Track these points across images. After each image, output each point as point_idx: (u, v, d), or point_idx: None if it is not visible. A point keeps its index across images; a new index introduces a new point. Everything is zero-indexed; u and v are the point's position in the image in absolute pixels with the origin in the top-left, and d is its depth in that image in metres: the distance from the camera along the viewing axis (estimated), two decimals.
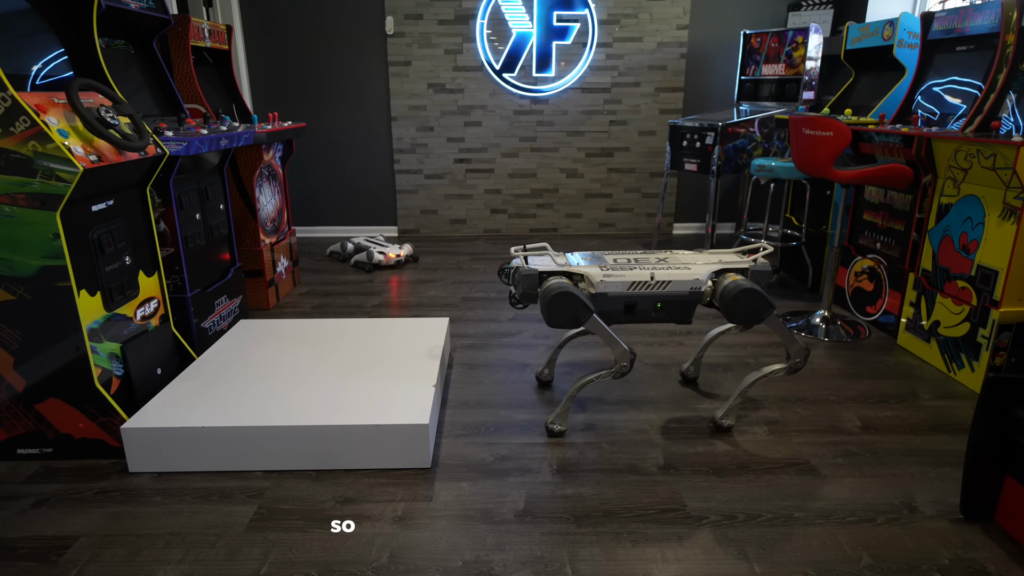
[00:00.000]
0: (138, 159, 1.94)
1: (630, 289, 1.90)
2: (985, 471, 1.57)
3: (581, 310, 1.83)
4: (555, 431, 2.01)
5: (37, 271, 1.71)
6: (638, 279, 1.90)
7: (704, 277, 1.92)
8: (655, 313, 1.95)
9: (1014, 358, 2.26)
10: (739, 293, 1.85)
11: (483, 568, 1.45)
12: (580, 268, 1.93)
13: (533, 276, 1.90)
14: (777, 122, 3.81)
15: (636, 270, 1.93)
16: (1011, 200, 2.17)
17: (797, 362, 1.97)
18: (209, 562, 1.47)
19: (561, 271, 1.92)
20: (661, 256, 2.08)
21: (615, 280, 1.90)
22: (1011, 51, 2.32)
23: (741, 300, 1.85)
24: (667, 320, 1.97)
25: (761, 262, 1.99)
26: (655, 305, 1.93)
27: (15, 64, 1.81)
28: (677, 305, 1.94)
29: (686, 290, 1.91)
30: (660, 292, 1.91)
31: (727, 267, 1.97)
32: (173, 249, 2.40)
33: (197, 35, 3.05)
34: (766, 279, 1.96)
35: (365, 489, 1.74)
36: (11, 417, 1.83)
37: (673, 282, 1.91)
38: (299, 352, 2.31)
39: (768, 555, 1.49)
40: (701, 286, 1.92)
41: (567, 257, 2.03)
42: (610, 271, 1.92)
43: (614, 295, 1.90)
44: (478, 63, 4.48)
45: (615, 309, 1.93)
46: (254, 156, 3.07)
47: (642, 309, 1.93)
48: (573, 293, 1.82)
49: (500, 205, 4.83)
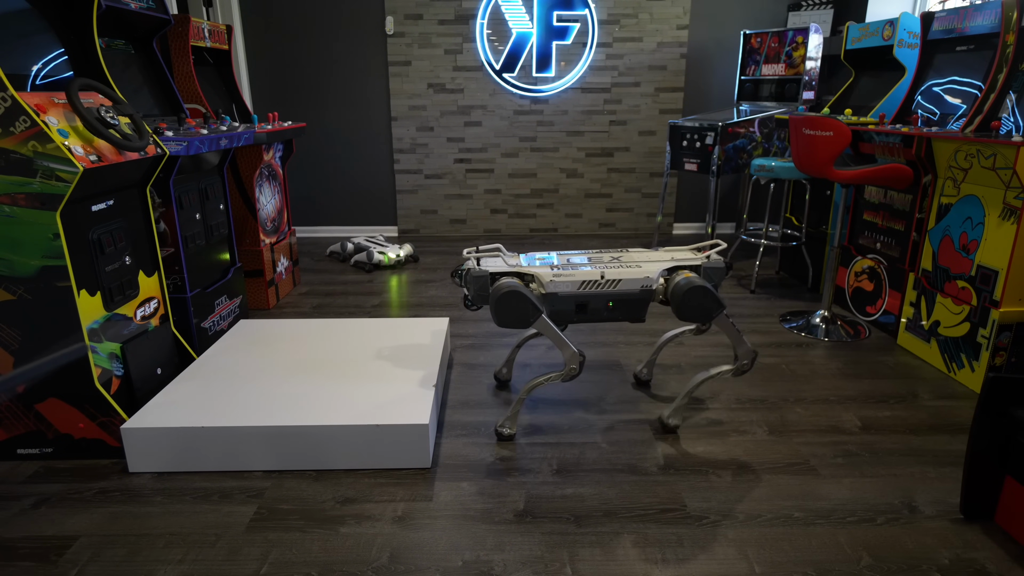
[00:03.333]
0: (138, 159, 1.94)
1: (580, 288, 1.90)
2: (985, 471, 1.57)
3: (530, 310, 1.83)
4: (504, 435, 1.99)
5: (37, 271, 1.71)
6: (588, 278, 1.90)
7: (655, 275, 1.91)
8: (607, 312, 1.94)
9: (1014, 358, 2.26)
10: (689, 291, 1.84)
11: (483, 568, 1.45)
12: (530, 268, 1.93)
13: (484, 277, 1.89)
14: (777, 122, 3.81)
15: (586, 269, 1.93)
16: (1011, 200, 2.17)
17: (744, 364, 1.96)
18: (209, 562, 1.47)
19: (512, 272, 1.92)
20: (615, 255, 2.08)
21: (565, 280, 1.89)
22: (1011, 51, 2.32)
23: (690, 298, 1.84)
24: (620, 319, 1.96)
25: (714, 259, 1.98)
26: (607, 304, 1.93)
27: (15, 64, 1.81)
28: (629, 304, 1.93)
29: (637, 288, 1.91)
30: (611, 291, 1.91)
31: (680, 264, 1.96)
32: (173, 249, 2.40)
33: (197, 35, 3.05)
34: (720, 276, 1.95)
35: (365, 489, 1.74)
36: (11, 417, 1.83)
37: (624, 280, 1.90)
38: (299, 352, 2.31)
39: (768, 555, 1.49)
40: (652, 284, 1.91)
41: (520, 258, 2.03)
42: (560, 271, 1.91)
43: (564, 295, 1.90)
44: (478, 63, 4.48)
45: (567, 309, 1.92)
46: (254, 156, 3.07)
47: (594, 308, 1.93)
48: (521, 292, 1.81)
49: (500, 205, 4.83)
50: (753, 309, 3.20)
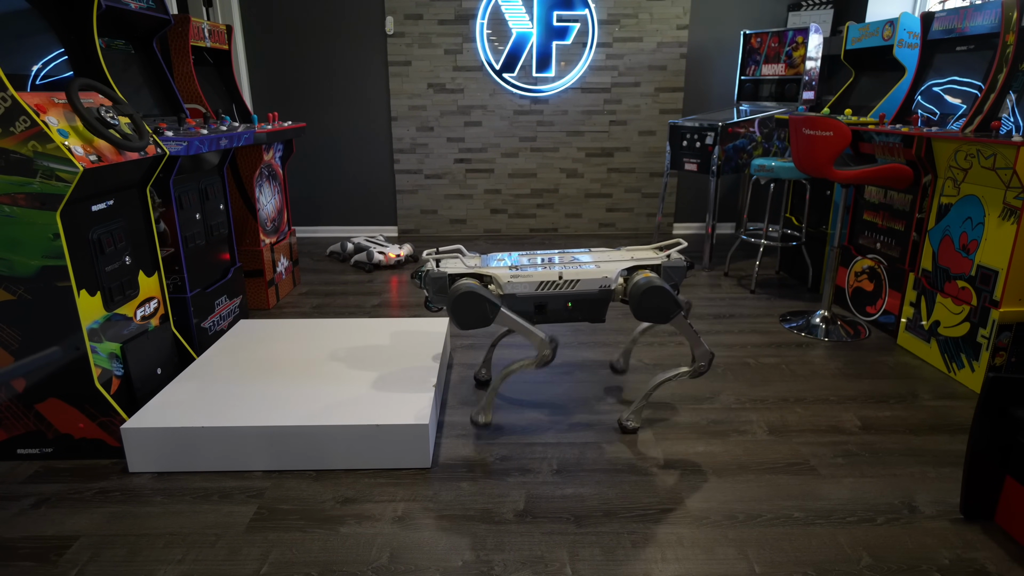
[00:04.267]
0: (138, 159, 1.94)
1: (539, 289, 1.90)
2: (985, 471, 1.57)
3: (488, 308, 1.82)
4: (480, 423, 2.00)
5: (37, 271, 1.71)
6: (546, 279, 1.89)
7: (614, 275, 1.90)
8: (566, 312, 1.94)
9: (1014, 358, 2.26)
10: (647, 291, 1.83)
11: (483, 568, 1.45)
12: (488, 270, 1.93)
13: (442, 279, 1.90)
14: (777, 122, 3.81)
15: (545, 270, 1.92)
16: (1011, 200, 2.17)
17: (701, 365, 1.95)
18: (209, 562, 1.47)
19: (470, 273, 1.92)
20: (577, 254, 2.07)
21: (523, 281, 1.89)
22: (1011, 51, 2.32)
23: (648, 298, 1.84)
24: (580, 319, 1.96)
25: (675, 258, 1.97)
26: (565, 304, 1.92)
27: (15, 64, 1.81)
28: (588, 304, 1.93)
29: (596, 288, 1.90)
30: (570, 291, 1.90)
31: (640, 264, 1.95)
32: (173, 249, 2.40)
33: (197, 35, 3.05)
34: (680, 275, 1.95)
35: (365, 489, 1.74)
36: (11, 417, 1.83)
37: (582, 281, 1.90)
38: (299, 352, 2.31)
39: (768, 555, 1.49)
40: (611, 283, 1.90)
41: (480, 260, 2.02)
42: (518, 272, 1.91)
43: (523, 296, 1.90)
44: (478, 63, 4.48)
45: (526, 310, 1.92)
46: (254, 156, 3.07)
47: (553, 309, 1.93)
48: (477, 292, 1.81)
49: (500, 205, 4.83)
50: (753, 309, 3.20)
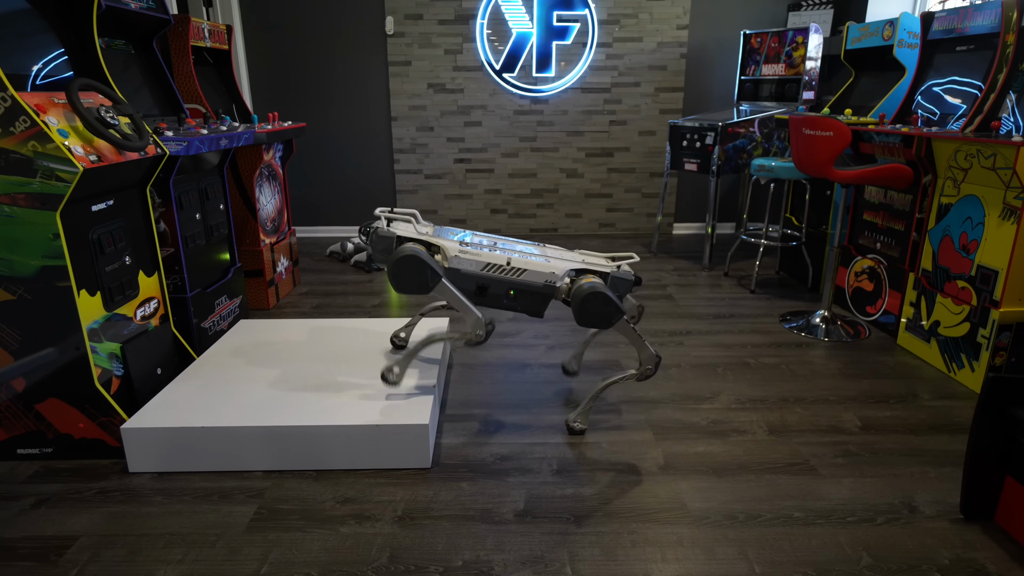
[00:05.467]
0: (138, 159, 1.94)
1: (483, 270, 1.87)
2: (985, 471, 1.57)
3: (429, 274, 1.79)
4: (390, 380, 1.96)
5: (37, 271, 1.71)
6: (494, 262, 1.87)
7: (561, 273, 1.89)
8: (508, 300, 1.92)
9: (1014, 358, 2.26)
10: (589, 295, 1.81)
11: (483, 568, 1.45)
12: (437, 240, 1.90)
13: (390, 239, 1.86)
14: (777, 122, 3.81)
15: (495, 252, 1.90)
16: (1011, 200, 2.17)
17: (648, 369, 1.95)
18: (209, 562, 1.47)
19: (418, 239, 1.89)
20: (534, 247, 2.06)
21: (469, 258, 1.87)
22: (1011, 51, 2.32)
23: (589, 303, 1.82)
24: (520, 310, 1.94)
25: (625, 270, 1.95)
26: (508, 291, 1.90)
27: (15, 64, 1.81)
28: (530, 296, 1.91)
29: (540, 282, 1.89)
30: (514, 279, 1.88)
31: (589, 268, 1.94)
32: (173, 249, 2.40)
33: (197, 35, 3.05)
34: (626, 287, 1.93)
35: (365, 489, 1.74)
36: (11, 417, 1.83)
37: (528, 271, 1.88)
38: (299, 352, 2.31)
39: (768, 555, 1.49)
40: (556, 281, 1.89)
41: (433, 228, 1.99)
42: (467, 248, 1.88)
43: (466, 273, 1.87)
44: (478, 63, 4.48)
45: (467, 288, 1.90)
46: (254, 156, 3.07)
47: (494, 293, 1.90)
48: (420, 257, 1.78)
49: (500, 205, 4.83)
50: (753, 309, 3.20)
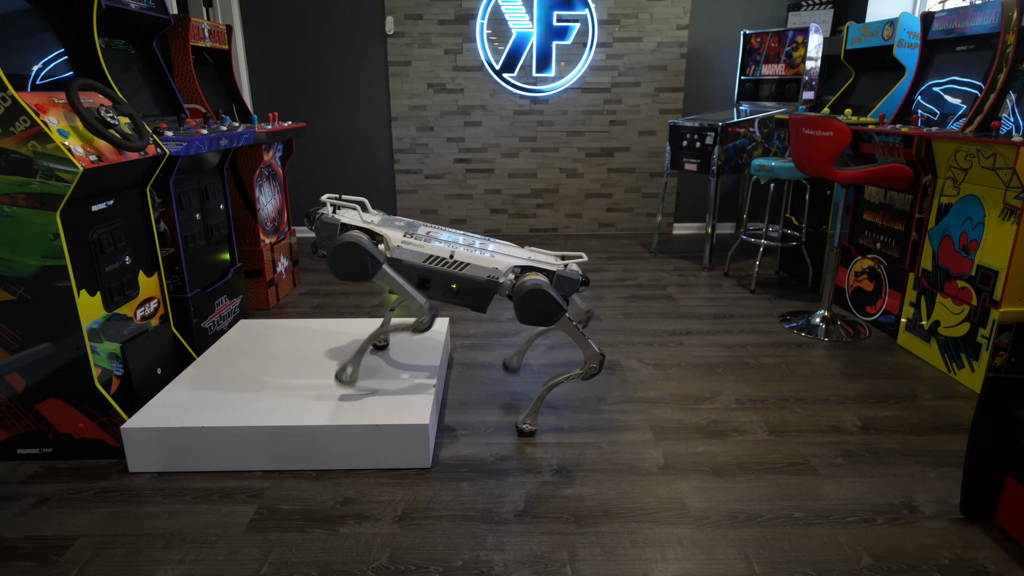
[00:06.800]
0: (138, 159, 1.94)
1: (426, 262, 1.87)
2: (985, 471, 1.57)
3: (369, 262, 1.79)
4: (344, 380, 1.96)
5: (37, 271, 1.71)
6: (437, 254, 1.86)
7: (504, 268, 1.88)
8: (450, 293, 1.91)
9: (1014, 358, 2.26)
10: (530, 292, 1.81)
11: (483, 568, 1.45)
12: (381, 229, 1.89)
13: (334, 226, 1.86)
14: (777, 122, 3.81)
15: (439, 245, 1.89)
16: (1011, 200, 2.17)
17: (592, 367, 1.94)
18: (209, 562, 1.47)
19: (362, 227, 1.88)
20: (480, 241, 2.05)
21: (412, 249, 1.86)
22: (1011, 51, 2.32)
23: (530, 300, 1.81)
24: (463, 304, 1.93)
25: (571, 269, 1.94)
26: (450, 285, 1.89)
27: (15, 64, 1.81)
28: (473, 291, 1.90)
29: (483, 277, 1.88)
30: (456, 272, 1.87)
31: (534, 265, 1.93)
32: (173, 249, 2.40)
33: (197, 35, 3.05)
34: (571, 287, 1.92)
35: (365, 489, 1.74)
36: (11, 417, 1.83)
37: (471, 266, 1.87)
38: (299, 352, 2.31)
39: (768, 555, 1.49)
40: (499, 276, 1.88)
41: (380, 217, 1.98)
42: (410, 239, 1.87)
43: (409, 264, 1.87)
44: (478, 63, 4.48)
45: (409, 279, 1.89)
46: (254, 156, 3.07)
47: (436, 285, 1.90)
48: (359, 244, 1.77)
49: (500, 205, 4.83)
50: (753, 309, 3.20)
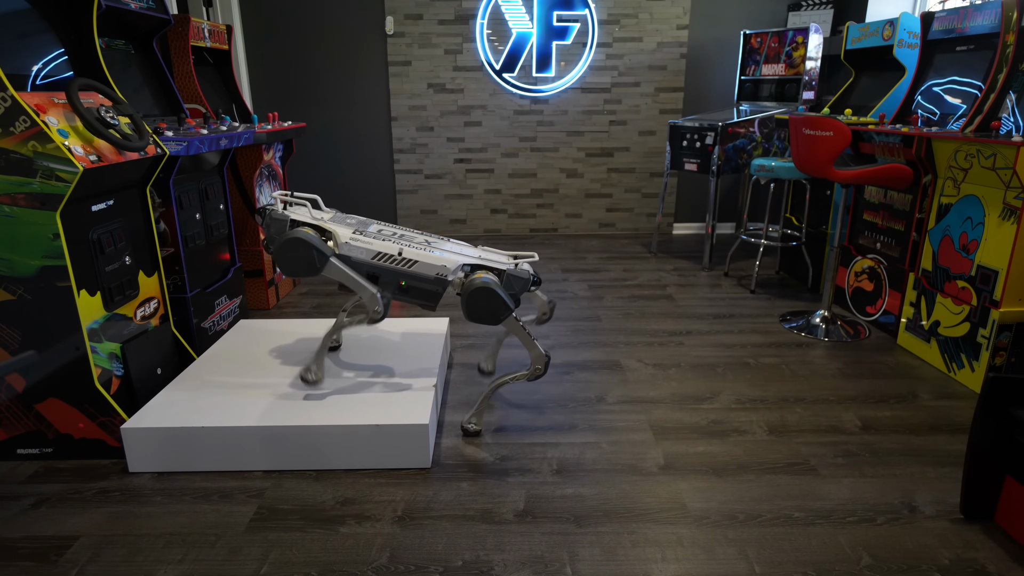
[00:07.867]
0: (138, 159, 1.94)
1: (374, 259, 1.87)
2: (985, 471, 1.57)
3: (315, 256, 1.79)
4: (309, 380, 1.97)
5: (37, 271, 1.71)
6: (385, 251, 1.87)
7: (453, 266, 1.88)
8: (399, 291, 1.91)
9: (1014, 358, 2.26)
10: (477, 290, 1.81)
11: (483, 568, 1.45)
12: (330, 226, 1.90)
13: (283, 221, 1.87)
14: (777, 122, 3.81)
15: (387, 242, 1.89)
16: (1011, 200, 2.17)
17: (537, 368, 1.94)
18: (209, 562, 1.47)
19: (311, 223, 1.89)
20: (431, 239, 2.05)
21: (361, 246, 1.86)
22: (1011, 51, 2.32)
23: (476, 298, 1.82)
24: (413, 301, 1.93)
25: (523, 268, 1.93)
26: (399, 282, 1.90)
27: (15, 64, 1.81)
28: (421, 288, 1.90)
29: (432, 274, 1.88)
30: (405, 270, 1.88)
31: (485, 264, 1.93)
32: (173, 249, 2.40)
33: (197, 35, 3.05)
34: (521, 286, 1.91)
35: (365, 489, 1.74)
36: (11, 417, 1.83)
37: (420, 263, 1.87)
38: (299, 352, 2.31)
39: (768, 555, 1.49)
40: (448, 274, 1.88)
41: (334, 214, 1.98)
42: (358, 236, 1.88)
43: (357, 260, 1.87)
44: (478, 63, 4.48)
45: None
46: (254, 156, 3.07)
47: (385, 282, 1.90)
48: (306, 240, 1.77)
49: (500, 205, 4.83)
50: (753, 309, 3.20)
